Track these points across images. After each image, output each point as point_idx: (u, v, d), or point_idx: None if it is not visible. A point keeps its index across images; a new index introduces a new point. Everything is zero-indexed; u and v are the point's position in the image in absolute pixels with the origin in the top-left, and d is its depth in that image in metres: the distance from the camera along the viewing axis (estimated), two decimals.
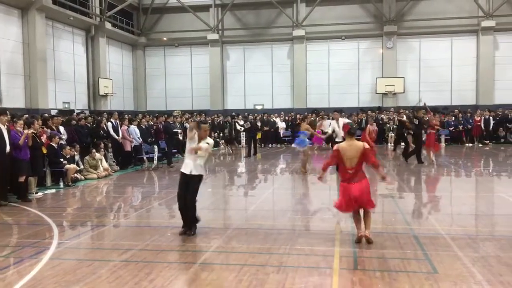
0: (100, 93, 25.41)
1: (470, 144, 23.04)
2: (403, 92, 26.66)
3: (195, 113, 25.29)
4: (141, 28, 30.13)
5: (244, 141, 21.83)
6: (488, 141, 23.14)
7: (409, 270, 5.13)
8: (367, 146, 6.20)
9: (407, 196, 10.21)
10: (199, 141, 6.74)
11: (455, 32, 26.48)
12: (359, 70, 27.78)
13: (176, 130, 17.46)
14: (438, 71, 26.81)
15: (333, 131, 13.19)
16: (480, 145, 22.83)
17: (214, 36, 28.59)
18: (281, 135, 24.90)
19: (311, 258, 5.65)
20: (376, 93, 26.98)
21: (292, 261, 5.56)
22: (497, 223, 7.79)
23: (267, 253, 5.87)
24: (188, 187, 6.76)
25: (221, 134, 23.39)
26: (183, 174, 6.82)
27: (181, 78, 29.89)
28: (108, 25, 25.92)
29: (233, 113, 22.77)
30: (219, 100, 28.98)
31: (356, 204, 6.08)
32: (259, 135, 24.98)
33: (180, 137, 19.00)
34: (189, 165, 6.78)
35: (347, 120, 13.84)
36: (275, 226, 7.51)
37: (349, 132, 6.24)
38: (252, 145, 19.43)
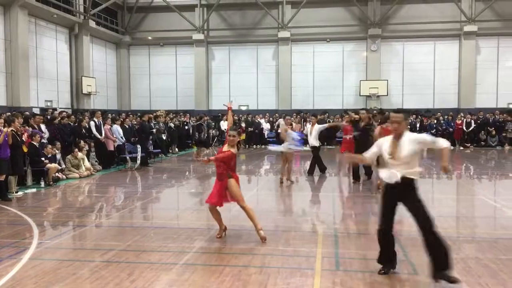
0: (83, 92, 25.13)
1: (452, 147, 23.35)
2: (387, 95, 26.92)
3: (180, 113, 25.19)
4: (125, 26, 29.90)
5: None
6: (469, 144, 23.52)
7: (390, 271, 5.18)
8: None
9: None
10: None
11: (438, 36, 26.85)
12: (343, 72, 27.97)
13: (153, 130, 17.29)
14: (421, 74, 27.13)
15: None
16: (462, 148, 23.19)
17: (199, 36, 28.52)
18: (266, 136, 24.94)
19: (293, 259, 5.67)
20: (360, 95, 27.21)
21: (275, 262, 5.57)
22: (477, 225, 7.92)
23: (250, 253, 5.87)
24: None
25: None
26: None
27: (165, 78, 29.75)
28: (92, 23, 25.66)
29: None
30: (203, 100, 28.92)
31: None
32: (243, 136, 25.03)
33: (164, 137, 18.90)
34: None
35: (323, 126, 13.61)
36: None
37: None
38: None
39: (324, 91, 27.84)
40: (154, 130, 17.41)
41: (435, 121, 24.43)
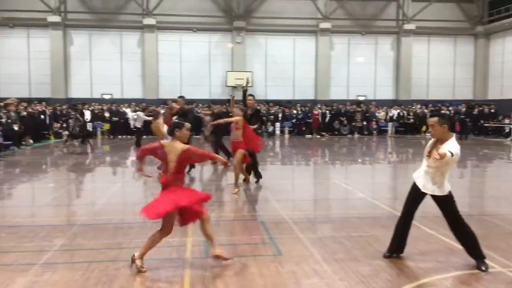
0: None
1: (310, 136, 25.18)
2: (252, 86, 27.85)
3: (34, 101, 23.08)
4: None
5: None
6: (325, 133, 25.57)
7: (256, 254, 5.44)
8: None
9: (253, 186, 10.74)
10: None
11: (297, 32, 28.53)
12: (210, 62, 28.24)
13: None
14: (283, 67, 28.62)
15: None
16: (318, 136, 25.11)
17: (55, 18, 26.35)
18: (131, 126, 24.14)
19: (163, 250, 5.62)
20: (226, 86, 27.76)
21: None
22: (332, 206, 8.67)
23: (118, 248, 5.68)
24: None
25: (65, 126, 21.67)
26: None
27: (16, 63, 26.87)
28: None
29: (80, 103, 21.10)
30: (61, 88, 26.85)
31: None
32: (106, 126, 23.93)
33: (16, 127, 17.30)
34: None
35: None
36: (125, 220, 7.29)
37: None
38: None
39: (191, 81, 27.82)
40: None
41: (295, 112, 26.07)
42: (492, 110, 26.96)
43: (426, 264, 5.11)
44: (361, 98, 28.64)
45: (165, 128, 11.07)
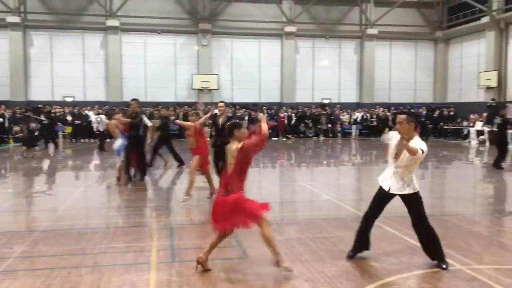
0: None
1: (276, 138, 25.34)
2: (218, 89, 27.83)
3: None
4: None
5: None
6: (290, 136, 25.79)
7: (223, 258, 5.43)
8: None
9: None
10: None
11: (263, 35, 28.67)
12: (175, 65, 28.00)
13: None
14: (249, 70, 28.69)
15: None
16: (284, 139, 25.30)
17: (14, 18, 25.51)
18: (94, 129, 23.64)
19: (128, 255, 5.55)
20: (192, 88, 27.59)
21: (108, 260, 5.38)
22: (298, 208, 8.76)
23: (81, 254, 5.56)
24: None
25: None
26: None
27: None
28: None
29: (43, 105, 20.53)
30: (21, 90, 26.00)
31: None
32: (68, 129, 23.36)
33: None
34: None
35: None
36: (88, 225, 7.14)
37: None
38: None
39: (156, 83, 27.50)
40: None
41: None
42: (451, 113, 27.88)
43: (389, 263, 5.23)
44: (326, 101, 29.04)
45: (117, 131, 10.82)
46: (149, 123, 11.18)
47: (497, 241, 6.26)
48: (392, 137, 5.17)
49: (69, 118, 23.66)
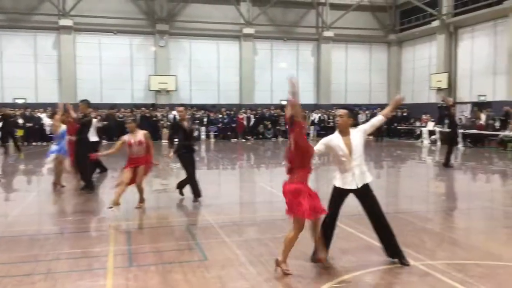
0: None
1: (235, 140, 25.36)
2: (176, 90, 27.54)
3: None
4: None
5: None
6: (250, 137, 25.87)
7: (182, 261, 5.37)
8: None
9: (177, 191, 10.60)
10: None
11: (221, 36, 28.62)
12: (132, 66, 27.50)
13: None
14: (207, 71, 28.54)
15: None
16: (243, 140, 25.34)
17: None
18: (47, 132, 22.86)
19: (83, 261, 5.40)
20: (149, 90, 27.18)
21: (62, 266, 5.21)
22: (257, 209, 8.79)
23: (34, 261, 5.36)
24: None
25: None
26: None
27: None
28: None
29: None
30: None
31: None
32: (20, 132, 22.50)
33: None
34: None
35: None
36: (41, 231, 6.90)
37: None
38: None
39: (112, 85, 26.90)
40: None
41: (220, 116, 26.15)
42: (405, 114, 28.77)
43: (346, 261, 5.34)
44: (285, 103, 29.18)
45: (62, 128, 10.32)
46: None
47: (449, 237, 6.50)
48: (331, 140, 5.24)
49: (20, 121, 22.79)
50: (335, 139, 5.21)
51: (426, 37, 28.92)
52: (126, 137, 8.01)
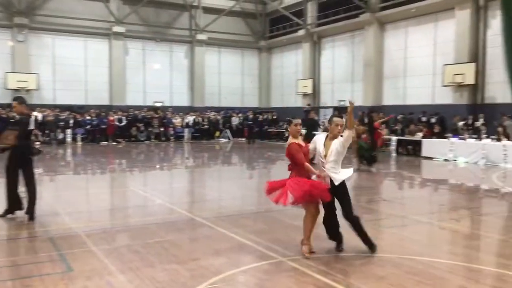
0: None
1: (105, 143, 24.18)
2: (37, 89, 25.39)
3: None
4: None
5: None
6: (121, 140, 24.86)
7: (43, 273, 4.96)
8: None
9: (41, 198, 9.78)
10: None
11: (89, 34, 27.10)
12: None
13: None
14: (73, 70, 26.77)
15: None
16: (114, 143, 24.28)
17: None
18: None
19: None
20: (7, 88, 24.64)
21: None
22: (129, 215, 8.46)
23: None
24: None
25: None
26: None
27: None
28: None
29: None
30: None
31: None
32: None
33: None
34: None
35: None
36: None
37: None
38: None
39: None
40: None
41: (89, 117, 24.75)
42: (274, 117, 30.13)
43: (219, 261, 5.40)
44: (158, 104, 28.74)
45: None
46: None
47: (315, 233, 6.92)
48: (317, 140, 5.69)
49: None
50: (320, 140, 5.70)
51: (293, 45, 30.62)
52: None
